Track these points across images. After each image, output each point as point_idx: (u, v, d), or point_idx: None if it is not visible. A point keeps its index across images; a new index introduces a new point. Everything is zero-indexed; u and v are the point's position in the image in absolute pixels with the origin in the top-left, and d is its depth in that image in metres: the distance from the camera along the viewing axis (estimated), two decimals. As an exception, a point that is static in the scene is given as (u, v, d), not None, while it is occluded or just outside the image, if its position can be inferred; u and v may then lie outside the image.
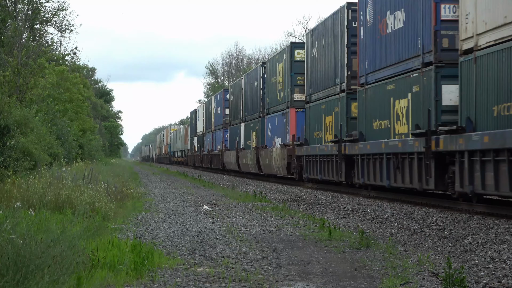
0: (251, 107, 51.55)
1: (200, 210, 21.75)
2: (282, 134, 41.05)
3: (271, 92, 44.80)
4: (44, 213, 15.67)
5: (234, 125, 59.18)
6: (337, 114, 30.40)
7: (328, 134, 31.77)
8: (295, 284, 10.03)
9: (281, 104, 41.58)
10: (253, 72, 52.93)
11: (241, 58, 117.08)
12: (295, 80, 39.29)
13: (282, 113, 41.00)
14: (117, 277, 9.91)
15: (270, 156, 43.27)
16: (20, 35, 37.20)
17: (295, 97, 39.09)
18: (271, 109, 44.67)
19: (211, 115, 74.73)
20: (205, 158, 76.54)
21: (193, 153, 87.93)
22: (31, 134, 27.44)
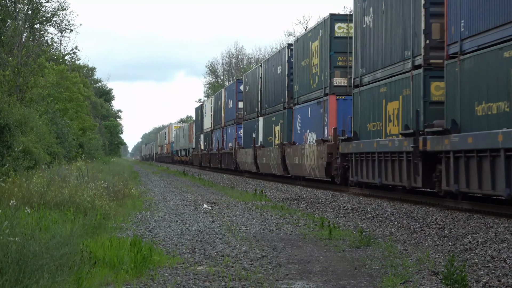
0: (273, 97, 44.98)
1: (200, 209, 21.76)
2: (318, 127, 34.46)
3: (301, 78, 38.06)
4: (45, 212, 15.67)
5: (250, 119, 52.74)
6: (407, 99, 23.42)
7: (391, 125, 24.75)
8: (295, 283, 10.03)
9: (315, 91, 35.02)
10: (275, 56, 45.94)
11: (241, 58, 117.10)
12: (336, 60, 32.81)
13: (318, 102, 34.47)
14: (117, 276, 9.92)
15: (301, 155, 36.53)
16: (20, 35, 37.20)
17: (336, 82, 32.81)
18: (300, 98, 38.10)
19: (220, 109, 67.97)
20: (213, 157, 70.07)
21: (199, 152, 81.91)
22: (31, 133, 27.44)
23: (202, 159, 79.10)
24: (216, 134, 70.44)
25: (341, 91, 32.66)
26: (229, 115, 63.25)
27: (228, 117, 63.77)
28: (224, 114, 65.65)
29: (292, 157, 38.56)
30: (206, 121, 78.22)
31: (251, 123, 52.41)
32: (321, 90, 33.94)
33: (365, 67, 27.73)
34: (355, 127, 28.79)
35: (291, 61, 40.93)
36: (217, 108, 70.52)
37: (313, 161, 34.03)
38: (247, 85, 54.93)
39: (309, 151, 34.91)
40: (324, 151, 32.18)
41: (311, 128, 35.82)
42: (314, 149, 34.03)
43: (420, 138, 21.84)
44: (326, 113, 33.17)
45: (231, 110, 61.75)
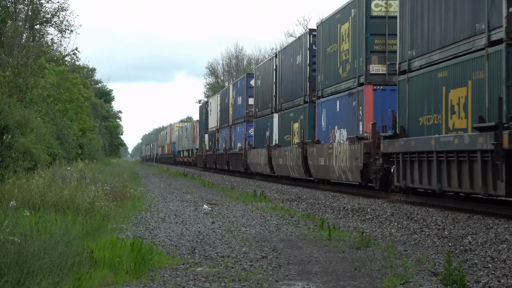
0: (291, 91, 40.05)
1: (200, 210, 21.76)
2: (350, 123, 29.78)
3: (326, 67, 33.24)
4: (45, 213, 15.67)
5: (263, 116, 47.99)
6: (479, 84, 18.68)
7: (455, 117, 20.11)
8: (294, 284, 10.03)
9: (346, 81, 30.31)
10: (293, 44, 40.40)
11: (241, 58, 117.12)
12: (372, 44, 28.15)
13: (349, 93, 29.80)
14: (117, 277, 9.92)
15: (328, 155, 31.94)
16: (20, 36, 37.23)
17: (373, 69, 28.00)
18: (326, 90, 33.38)
19: (228, 107, 63.17)
20: (220, 158, 65.34)
21: (204, 153, 76.98)
22: (31, 134, 27.47)
23: (207, 160, 74.87)
24: (222, 134, 66.03)
25: (378, 80, 28.12)
26: (238, 112, 58.58)
27: (236, 114, 59.25)
28: (232, 111, 61.12)
29: (316, 158, 33.70)
30: (212, 119, 73.88)
31: (264, 120, 47.90)
32: (353, 80, 29.31)
33: (416, 49, 22.86)
34: (401, 122, 23.73)
35: (313, 49, 36.02)
36: (224, 106, 65.89)
37: (344, 162, 29.29)
38: (258, 79, 49.99)
39: (339, 150, 30.19)
40: (359, 150, 27.42)
41: (340, 124, 31.15)
42: (345, 148, 29.27)
43: (504, 133, 16.85)
44: (360, 106, 28.31)
45: (240, 107, 57.23)
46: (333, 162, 31.06)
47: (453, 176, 19.72)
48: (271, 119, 45.37)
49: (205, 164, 76.09)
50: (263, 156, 46.13)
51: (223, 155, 63.39)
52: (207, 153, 74.98)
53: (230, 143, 60.89)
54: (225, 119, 64.91)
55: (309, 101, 36.43)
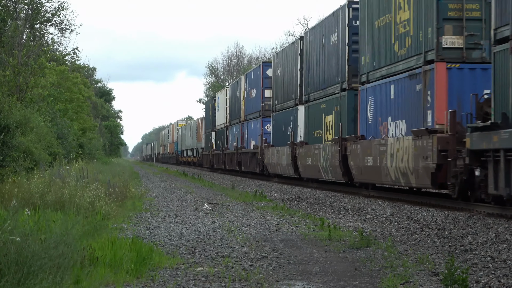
0: (322, 77, 33.55)
1: (200, 210, 21.76)
2: (411, 112, 23.62)
3: (375, 45, 26.90)
4: (45, 213, 15.67)
5: (284, 109, 41.65)
6: None
7: None
8: (295, 284, 10.03)
9: (405, 60, 24.08)
10: (326, 22, 33.29)
11: (241, 58, 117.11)
12: (446, 9, 21.94)
13: (410, 74, 23.62)
14: (117, 276, 9.92)
15: (380, 153, 25.59)
16: (20, 35, 37.24)
17: (446, 42, 21.88)
18: (374, 74, 27.02)
19: (239, 101, 56.37)
20: (230, 158, 58.85)
21: (211, 152, 70.44)
22: (31, 133, 27.47)
23: (215, 160, 68.43)
24: (233, 131, 59.22)
25: (454, 56, 21.99)
26: (251, 106, 51.74)
27: (250, 109, 52.24)
28: (245, 106, 54.27)
29: (361, 157, 27.51)
30: (220, 116, 67.09)
31: (285, 114, 41.45)
32: (417, 57, 23.11)
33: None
34: (500, 107, 17.69)
35: (353, 25, 29.62)
36: (235, 100, 59.03)
37: (405, 163, 23.20)
38: (278, 67, 43.18)
39: (396, 148, 24.01)
40: (430, 147, 21.30)
41: (396, 115, 24.90)
42: (406, 144, 23.13)
43: None
44: (429, 90, 22.21)
45: (255, 100, 50.33)
46: (387, 162, 24.68)
47: None
48: (294, 112, 38.84)
49: (212, 165, 70.34)
50: (285, 155, 39.58)
51: (233, 155, 57.09)
52: (214, 152, 68.75)
53: (242, 141, 54.51)
54: (235, 115, 58.31)
55: (348, 88, 29.99)
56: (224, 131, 63.80)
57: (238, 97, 57.33)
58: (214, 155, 69.07)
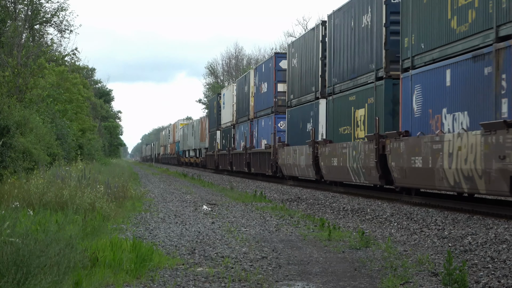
0: (351, 65, 29.32)
1: (199, 210, 21.76)
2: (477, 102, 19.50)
3: (423, 23, 22.80)
4: (45, 213, 15.68)
5: (302, 104, 36.90)
6: None
7: None
8: (294, 284, 10.03)
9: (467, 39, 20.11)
10: (355, 1, 28.95)
11: (240, 59, 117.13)
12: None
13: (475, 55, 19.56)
14: (117, 277, 9.92)
15: (433, 153, 21.49)
16: (19, 36, 37.24)
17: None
18: (422, 57, 22.91)
19: (247, 97, 52.65)
20: (238, 158, 55.29)
21: (216, 152, 66.81)
22: (30, 134, 27.48)
23: (220, 161, 64.71)
24: (240, 130, 55.27)
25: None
26: (262, 102, 47.75)
27: (260, 105, 48.37)
28: (254, 102, 50.49)
29: (405, 157, 23.47)
30: (226, 114, 63.16)
31: (303, 109, 36.72)
32: (484, 34, 19.06)
33: None
34: None
35: (392, 2, 25.79)
36: (243, 96, 54.84)
37: (471, 164, 19.21)
38: (294, 57, 38.58)
39: (457, 145, 20.04)
40: (510, 144, 17.32)
41: (453, 106, 20.85)
42: (473, 141, 19.11)
43: None
44: (505, 73, 18.03)
45: (266, 95, 46.32)
46: (444, 163, 20.77)
47: None
48: (315, 106, 34.42)
49: (217, 166, 66.39)
50: (303, 155, 35.28)
51: (241, 155, 53.26)
52: (220, 152, 64.67)
53: (252, 140, 50.55)
54: (244, 112, 54.25)
55: (385, 76, 25.94)
56: (231, 130, 59.77)
57: (246, 93, 53.24)
58: (219, 155, 65.36)
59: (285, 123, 41.74)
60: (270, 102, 45.18)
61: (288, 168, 38.95)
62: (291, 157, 38.17)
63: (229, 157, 58.64)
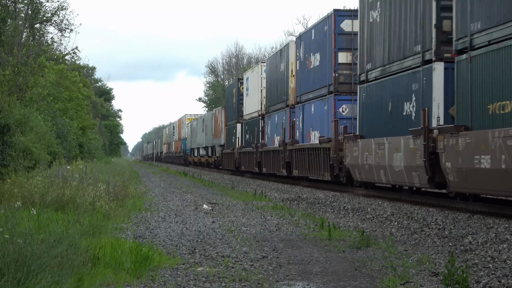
0: None
1: (200, 209, 21.76)
2: None
3: None
4: (46, 212, 15.68)
5: (390, 75, 24.62)
6: None
7: None
8: (295, 284, 10.03)
9: None
10: None
11: (241, 57, 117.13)
12: None
13: None
14: (118, 276, 9.92)
15: None
16: (20, 35, 37.24)
17: None
18: None
19: (284, 77, 40.82)
20: (269, 157, 43.69)
21: (237, 150, 55.08)
22: (30, 133, 27.48)
23: (243, 161, 53.06)
24: (273, 120, 43.94)
25: None
26: (310, 81, 35.70)
27: (308, 85, 36.26)
28: (297, 82, 38.57)
29: None
30: (250, 102, 51.73)
31: (394, 83, 24.40)
32: None
33: None
34: None
35: None
36: (276, 77, 43.16)
37: None
38: (374, 8, 26.08)
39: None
40: None
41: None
42: None
43: None
44: None
45: (318, 71, 34.27)
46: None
47: None
48: (423, 75, 22.15)
49: (237, 166, 55.16)
50: (401, 151, 23.18)
51: (277, 153, 41.68)
52: (241, 150, 53.53)
53: (293, 133, 38.56)
54: (278, 97, 42.52)
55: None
56: (258, 122, 48.61)
57: (282, 73, 41.52)
58: (241, 153, 53.67)
59: (350, 107, 31.45)
60: (324, 79, 33.04)
61: (365, 171, 26.40)
62: (371, 154, 25.70)
63: (257, 156, 47.37)
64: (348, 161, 28.35)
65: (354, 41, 30.64)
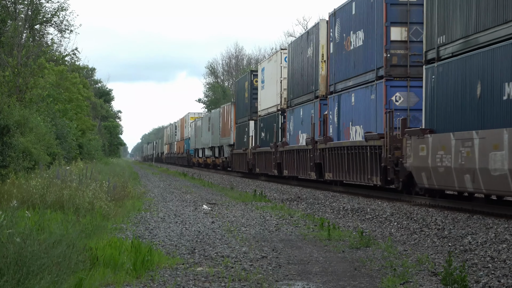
0: None
1: (199, 210, 21.76)
2: None
3: None
4: (45, 213, 15.68)
5: (482, 47, 18.44)
6: None
7: None
8: (294, 284, 10.04)
9: None
10: None
11: (240, 58, 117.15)
12: None
13: None
14: (117, 277, 9.93)
15: None
16: (20, 35, 37.25)
17: None
18: None
19: (313, 64, 34.83)
20: (293, 158, 37.94)
21: (250, 150, 50.04)
22: (30, 134, 27.48)
23: (258, 162, 47.85)
24: (297, 115, 37.92)
25: None
26: (350, 66, 29.45)
27: (346, 71, 30.05)
28: (330, 68, 32.19)
29: None
30: (267, 95, 45.86)
31: (480, 60, 18.71)
32: None
33: None
34: None
35: None
36: (301, 65, 37.18)
37: None
38: None
39: None
40: None
41: None
42: None
43: None
44: None
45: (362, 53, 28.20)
46: None
47: None
48: None
49: (250, 168, 50.30)
50: (506, 149, 17.01)
51: (303, 153, 35.82)
52: (256, 150, 48.32)
53: (326, 129, 32.78)
54: (304, 88, 36.41)
55: None
56: (277, 118, 42.96)
57: (309, 59, 35.54)
58: (255, 154, 48.66)
59: (406, 96, 25.56)
60: (371, 62, 27.14)
61: (439, 176, 20.69)
62: (448, 153, 19.87)
63: (276, 156, 41.58)
64: (411, 162, 22.38)
65: (411, 13, 25.38)
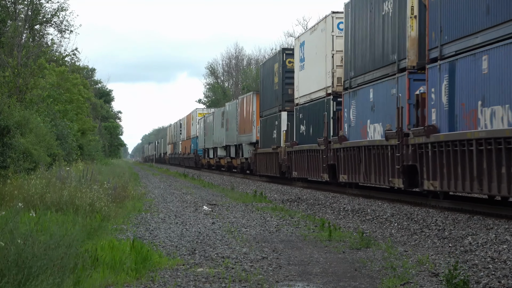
0: None
1: (200, 211, 21.76)
2: None
3: None
4: (46, 214, 15.67)
5: None
6: None
7: None
8: (295, 284, 10.03)
9: None
10: None
11: (240, 59, 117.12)
12: None
13: None
14: (117, 277, 9.92)
15: None
16: (20, 36, 37.25)
17: None
18: None
19: (394, 23, 24.08)
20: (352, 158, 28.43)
21: (284, 149, 40.06)
22: (30, 134, 27.47)
23: (296, 163, 37.76)
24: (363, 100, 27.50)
25: None
26: (473, 12, 18.68)
27: (462, 25, 19.28)
28: (427, 27, 21.58)
29: None
30: (310, 76, 35.12)
31: None
32: None
33: None
34: None
35: None
36: (374, 27, 26.39)
37: None
38: None
39: None
40: None
41: None
42: None
43: None
44: None
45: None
46: None
47: None
48: None
49: (283, 171, 40.92)
50: None
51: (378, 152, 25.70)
52: (294, 148, 37.86)
53: (422, 115, 21.99)
54: (378, 60, 25.99)
55: None
56: (327, 105, 32.39)
57: (387, 17, 25.09)
58: (291, 153, 38.63)
59: None
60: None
61: None
62: None
63: (328, 156, 31.66)
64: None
65: None
